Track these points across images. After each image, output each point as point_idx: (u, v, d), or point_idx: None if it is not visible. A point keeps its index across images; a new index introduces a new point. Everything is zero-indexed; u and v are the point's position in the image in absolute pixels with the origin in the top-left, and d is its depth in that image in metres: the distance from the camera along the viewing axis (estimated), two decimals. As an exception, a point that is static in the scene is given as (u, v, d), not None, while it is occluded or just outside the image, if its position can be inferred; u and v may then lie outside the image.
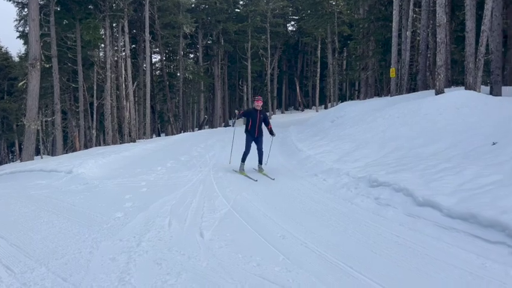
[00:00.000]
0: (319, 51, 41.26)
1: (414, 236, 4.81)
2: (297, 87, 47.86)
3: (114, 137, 23.94)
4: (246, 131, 9.19)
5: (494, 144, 7.20)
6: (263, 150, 9.27)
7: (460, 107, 9.89)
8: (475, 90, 11.10)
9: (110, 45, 23.65)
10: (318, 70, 41.71)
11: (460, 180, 5.87)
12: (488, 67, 12.81)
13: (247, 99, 40.06)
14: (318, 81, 41.98)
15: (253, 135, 9.09)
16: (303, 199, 6.79)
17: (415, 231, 4.98)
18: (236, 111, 9.43)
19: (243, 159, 9.20)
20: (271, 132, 9.47)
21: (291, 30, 50.45)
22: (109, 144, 22.27)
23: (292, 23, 50.43)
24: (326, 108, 38.58)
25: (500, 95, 11.26)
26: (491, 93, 11.50)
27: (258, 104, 8.95)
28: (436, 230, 4.89)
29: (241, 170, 9.10)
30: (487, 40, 11.38)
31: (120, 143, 22.62)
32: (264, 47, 40.58)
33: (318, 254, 4.33)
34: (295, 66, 50.39)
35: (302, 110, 45.49)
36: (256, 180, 8.17)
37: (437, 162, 7.15)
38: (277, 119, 38.55)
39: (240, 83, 42.29)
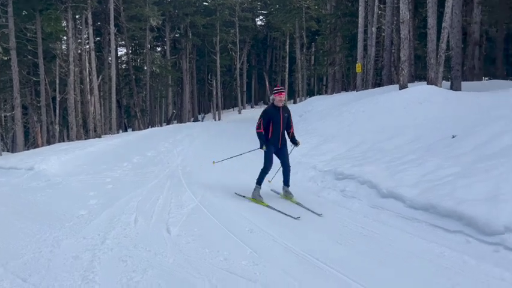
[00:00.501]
0: (287, 46, 41.44)
1: (379, 227, 4.94)
2: (267, 82, 47.97)
3: (78, 133, 23.23)
4: (266, 139, 6.27)
5: (453, 137, 7.48)
6: (290, 164, 6.51)
7: (422, 101, 10.20)
8: (436, 85, 11.47)
9: (73, 38, 22.85)
10: (287, 65, 41.91)
11: (422, 172, 6.08)
12: (449, 63, 13.27)
13: (217, 93, 39.78)
14: (287, 76, 42.20)
15: (276, 145, 6.29)
16: (271, 193, 6.82)
17: (379, 223, 5.12)
18: (261, 146, 6.24)
19: (260, 181, 6.31)
20: (293, 140, 6.55)
21: (260, 25, 50.43)
22: (73, 140, 21.58)
23: (261, 17, 50.41)
24: (294, 102, 38.85)
25: (460, 90, 11.71)
26: (451, 88, 11.92)
27: (281, 98, 6.14)
28: (399, 221, 5.05)
29: (258, 198, 6.22)
30: (448, 37, 11.78)
31: (85, 139, 21.95)
32: (232, 41, 40.36)
33: (285, 247, 4.36)
34: (265, 61, 50.45)
35: (271, 105, 45.61)
36: (299, 218, 5.34)
37: (400, 155, 7.36)
38: (247, 113, 38.57)
39: (209, 77, 41.96)
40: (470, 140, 6.97)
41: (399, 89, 12.19)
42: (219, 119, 36.91)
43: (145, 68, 33.95)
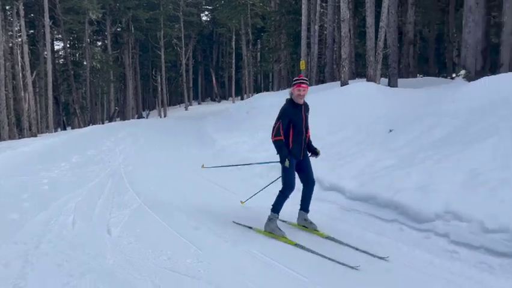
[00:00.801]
0: (234, 43, 41.41)
1: (321, 220, 5.06)
2: (213, 78, 47.64)
3: (11, 132, 21.70)
4: (285, 149, 4.56)
5: (390, 131, 7.86)
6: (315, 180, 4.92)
7: (362, 97, 10.62)
8: (375, 81, 11.99)
9: (3, 30, 21.25)
10: (233, 61, 41.90)
11: (362, 165, 6.33)
12: (387, 61, 13.91)
13: (162, 89, 38.88)
14: (233, 73, 42.19)
15: (298, 156, 4.70)
16: (218, 189, 6.80)
17: (322, 215, 5.25)
18: (283, 160, 4.51)
19: (277, 208, 4.63)
20: (311, 147, 4.94)
21: (206, 20, 49.94)
22: (5, 140, 20.12)
23: (206, 13, 49.93)
24: (242, 99, 38.97)
25: (397, 86, 12.32)
26: (389, 84, 12.52)
27: (300, 93, 4.54)
28: (341, 213, 5.24)
29: (277, 232, 4.52)
30: (385, 35, 12.34)
31: (19, 138, 20.56)
32: (177, 36, 39.60)
33: (231, 243, 4.36)
34: (211, 57, 50.05)
35: (219, 101, 45.43)
36: (358, 267, 3.67)
37: (342, 149, 7.62)
38: (194, 110, 38.06)
39: (154, 73, 40.84)
40: (406, 133, 7.36)
41: (341, 86, 12.60)
42: (165, 116, 36.13)
43: (85, 63, 32.39)
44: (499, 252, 3.53)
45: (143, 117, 35.83)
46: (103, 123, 33.43)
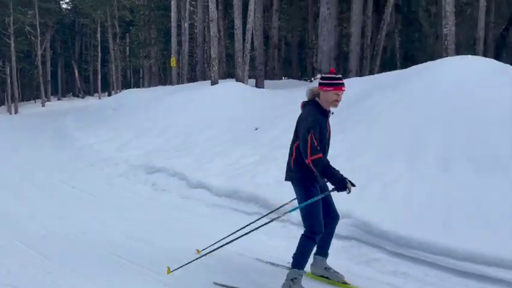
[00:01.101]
0: (99, 35, 38.66)
1: (188, 217, 5.07)
2: (76, 72, 43.78)
3: None
4: (334, 169, 3.20)
5: (256, 129, 8.26)
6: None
7: (230, 96, 10.93)
8: (243, 82, 12.45)
9: None
10: (99, 54, 39.07)
11: (228, 162, 6.51)
12: (254, 62, 14.55)
13: (12, 82, 34.19)
14: (99, 67, 39.35)
15: (323, 182, 3.49)
16: (76, 192, 6.26)
17: (188, 212, 5.27)
18: (342, 185, 3.12)
19: (302, 262, 3.23)
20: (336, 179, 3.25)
21: (66, 9, 45.65)
22: None
23: (67, 0, 45.68)
24: (109, 95, 36.64)
25: (263, 87, 13.01)
26: (256, 85, 13.14)
27: (339, 98, 3.22)
28: (206, 209, 5.31)
29: None
30: (252, 38, 12.90)
31: None
32: (31, 23, 35.27)
33: (86, 248, 4.03)
34: (73, 49, 45.90)
35: (83, 97, 41.88)
36: None
37: (210, 146, 7.73)
38: (53, 106, 34.41)
39: (1, 63, 35.70)
40: (269, 131, 7.80)
41: (211, 85, 12.77)
42: (16, 113, 31.88)
43: None
44: (342, 236, 3.99)
45: (-11, 114, 31.08)
46: None
